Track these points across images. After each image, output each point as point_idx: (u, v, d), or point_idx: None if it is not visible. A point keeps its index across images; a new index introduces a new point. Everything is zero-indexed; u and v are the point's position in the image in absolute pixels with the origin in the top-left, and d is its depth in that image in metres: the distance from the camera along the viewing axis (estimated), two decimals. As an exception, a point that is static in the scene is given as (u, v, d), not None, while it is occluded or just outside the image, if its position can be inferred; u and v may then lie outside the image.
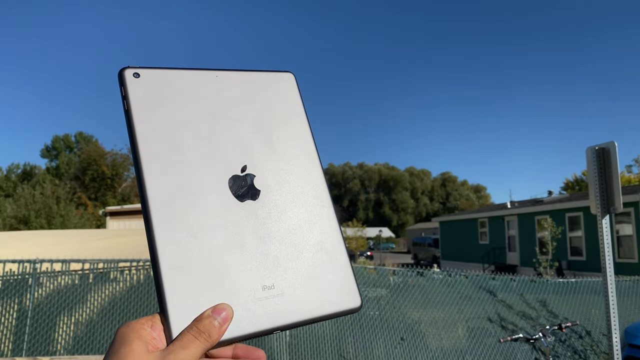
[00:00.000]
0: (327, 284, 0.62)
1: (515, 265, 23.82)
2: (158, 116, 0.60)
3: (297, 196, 0.66)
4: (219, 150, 0.63)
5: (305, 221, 0.65)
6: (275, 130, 0.69)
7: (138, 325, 0.52)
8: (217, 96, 0.66)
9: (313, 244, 0.64)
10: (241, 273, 0.58)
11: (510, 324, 7.70)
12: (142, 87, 0.61)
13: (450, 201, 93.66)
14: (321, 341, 6.89)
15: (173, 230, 0.56)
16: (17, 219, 25.06)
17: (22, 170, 60.98)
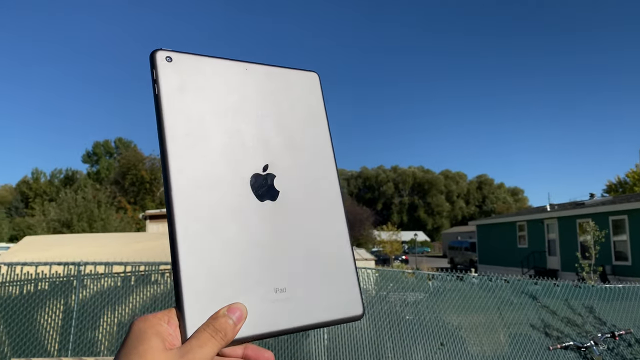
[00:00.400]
0: (335, 291, 0.63)
1: (556, 270, 23.19)
2: (187, 104, 0.60)
3: (314, 201, 0.66)
4: (244, 145, 0.63)
5: (320, 227, 0.65)
6: (298, 132, 0.68)
7: (155, 320, 0.52)
8: (246, 89, 0.66)
9: (326, 251, 0.64)
10: (256, 273, 0.58)
11: (555, 330, 7.47)
12: (173, 72, 0.60)
13: (486, 204, 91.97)
14: (359, 345, 6.83)
15: (194, 223, 0.56)
16: (60, 222, 25.84)
17: (64, 175, 63.00)
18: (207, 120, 0.61)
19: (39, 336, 6.51)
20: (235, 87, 0.65)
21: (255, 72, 0.68)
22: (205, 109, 0.61)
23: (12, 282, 6.67)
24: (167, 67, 0.60)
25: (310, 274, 0.62)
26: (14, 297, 6.65)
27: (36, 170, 63.78)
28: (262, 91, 0.67)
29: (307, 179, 0.67)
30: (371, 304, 7.28)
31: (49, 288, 6.86)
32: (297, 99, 0.71)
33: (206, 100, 0.61)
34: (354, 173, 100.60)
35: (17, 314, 6.48)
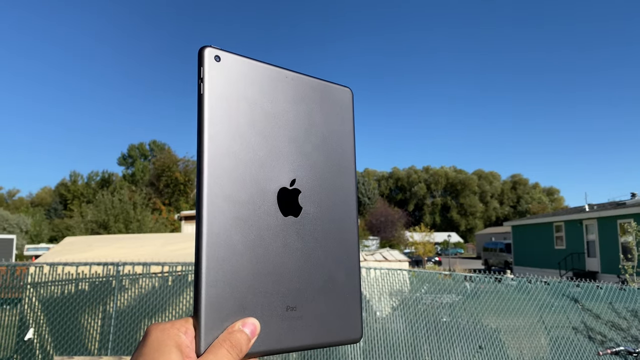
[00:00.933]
0: (340, 314, 0.64)
1: (595, 272, 22.54)
2: (229, 108, 0.60)
3: (332, 222, 0.67)
4: (277, 157, 0.63)
5: (334, 249, 0.66)
6: (327, 148, 0.69)
7: (174, 331, 0.53)
8: (285, 98, 0.66)
9: (337, 273, 0.66)
10: (270, 289, 0.59)
11: (598, 334, 7.24)
12: (220, 72, 0.60)
13: (521, 205, 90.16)
14: (396, 347, 6.75)
15: (221, 234, 0.56)
16: (97, 223, 26.48)
17: (100, 177, 64.59)
18: (246, 125, 0.61)
19: (80, 335, 6.65)
20: (276, 95, 0.65)
21: (295, 81, 0.68)
22: (245, 114, 0.61)
23: (54, 282, 6.83)
24: (215, 66, 0.59)
25: (319, 295, 0.63)
26: (56, 296, 6.81)
27: (74, 172, 65.63)
28: (299, 102, 0.67)
29: (329, 199, 0.67)
30: (407, 306, 7.19)
31: (89, 288, 7.01)
32: (331, 114, 0.71)
33: (248, 106, 0.61)
34: (385, 174, 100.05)
35: (58, 313, 6.64)
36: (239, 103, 0.60)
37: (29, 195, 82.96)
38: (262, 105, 0.63)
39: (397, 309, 7.18)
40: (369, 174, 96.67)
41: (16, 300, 6.84)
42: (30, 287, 6.81)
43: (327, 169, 0.68)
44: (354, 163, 0.72)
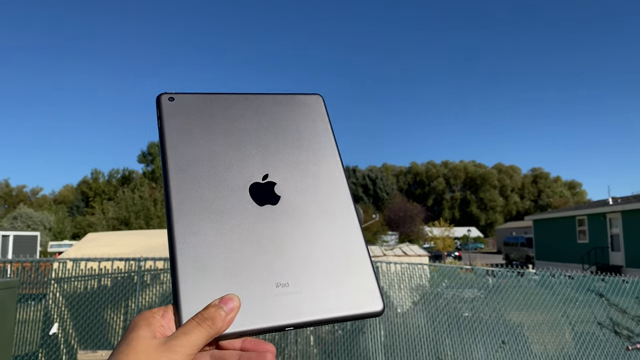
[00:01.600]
0: (347, 286, 0.61)
1: (620, 266, 22.15)
2: (187, 134, 0.65)
3: (319, 202, 0.67)
4: (243, 160, 0.66)
5: (325, 225, 0.65)
6: (299, 145, 0.71)
7: (149, 314, 0.55)
8: (247, 114, 0.70)
9: (335, 248, 0.64)
10: (255, 269, 0.59)
11: (625, 329, 7.09)
12: (175, 108, 0.67)
13: (542, 199, 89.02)
14: (417, 342, 6.71)
15: (191, 224, 0.59)
16: (118, 220, 26.88)
17: (121, 175, 65.45)
18: (208, 143, 0.65)
19: (103, 330, 6.74)
20: (237, 113, 0.70)
21: (257, 99, 0.73)
22: (206, 134, 0.66)
23: (78, 277, 6.92)
24: (170, 105, 0.67)
25: (317, 270, 0.61)
26: (80, 292, 6.90)
27: (95, 170, 66.60)
28: (263, 114, 0.71)
29: (311, 184, 0.68)
30: (428, 301, 7.13)
31: (111, 283, 7.09)
32: (300, 118, 0.74)
33: (206, 128, 0.66)
34: (403, 169, 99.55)
35: (82, 308, 6.73)
36: (197, 128, 0.66)
37: (52, 193, 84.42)
38: (222, 126, 0.67)
39: (418, 303, 7.13)
40: (387, 169, 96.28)
41: (40, 296, 6.95)
42: (54, 283, 6.91)
43: (304, 160, 0.69)
44: (336, 150, 0.73)
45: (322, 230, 0.65)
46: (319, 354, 6.63)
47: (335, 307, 0.59)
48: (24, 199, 74.24)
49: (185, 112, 0.67)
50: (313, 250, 0.62)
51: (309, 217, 0.65)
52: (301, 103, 0.76)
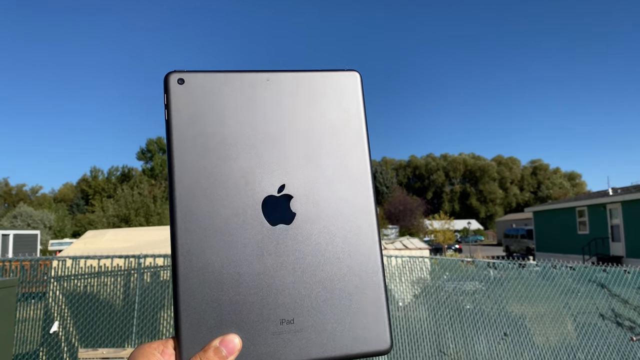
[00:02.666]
0: (355, 323, 0.57)
1: (620, 257, 22.16)
2: (198, 128, 0.57)
3: (340, 222, 0.59)
4: (259, 166, 0.58)
5: (343, 253, 0.59)
6: (327, 143, 0.61)
7: (149, 349, 0.53)
8: (265, 102, 0.60)
9: (347, 280, 0.58)
10: (258, 304, 0.55)
11: (627, 320, 7.08)
12: (185, 94, 0.57)
13: (542, 190, 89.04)
14: (419, 335, 6.69)
15: (196, 249, 0.55)
16: (118, 217, 26.88)
17: (120, 172, 65.42)
18: (219, 144, 0.57)
19: (104, 327, 6.72)
20: (254, 101, 0.60)
21: (279, 81, 0.61)
22: (217, 131, 0.58)
23: (77, 275, 6.90)
24: (179, 90, 0.58)
25: (325, 304, 0.57)
26: (80, 290, 6.88)
27: (94, 168, 66.54)
28: (286, 103, 0.61)
29: (332, 197, 0.60)
30: (429, 294, 7.11)
31: (110, 280, 7.07)
32: (330, 106, 0.63)
33: (220, 122, 0.58)
34: (402, 162, 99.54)
35: (82, 306, 6.71)
36: (209, 121, 0.57)
37: (52, 191, 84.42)
38: (238, 117, 0.59)
39: (420, 296, 7.11)
40: (386, 162, 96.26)
41: (41, 295, 6.93)
42: (54, 281, 6.89)
43: (329, 165, 0.61)
44: (367, 150, 0.63)
45: (339, 257, 0.58)
46: None
47: (340, 346, 0.56)
48: (24, 197, 74.22)
49: (197, 101, 0.58)
50: (323, 282, 0.57)
51: (326, 240, 0.58)
52: (333, 85, 0.64)
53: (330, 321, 0.56)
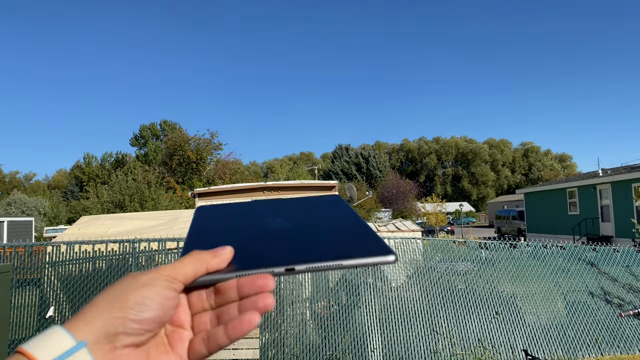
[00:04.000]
0: (353, 239, 0.58)
1: (610, 237, 22.42)
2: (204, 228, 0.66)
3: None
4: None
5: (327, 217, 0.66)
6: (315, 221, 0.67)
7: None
8: (261, 212, 0.69)
9: (335, 223, 0.64)
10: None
11: (616, 297, 7.22)
12: (200, 214, 0.71)
13: (533, 172, 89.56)
14: (412, 315, 6.79)
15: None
16: (113, 203, 26.76)
17: (114, 158, 64.99)
18: (222, 235, 0.64)
19: (100, 311, 6.75)
20: (251, 213, 0.69)
21: (271, 202, 0.73)
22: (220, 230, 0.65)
23: (72, 260, 6.91)
24: (197, 212, 0.72)
25: (324, 233, 0.60)
26: (75, 275, 6.90)
27: (88, 155, 66.08)
28: (278, 213, 0.69)
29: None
30: (421, 274, 7.20)
31: (106, 265, 7.09)
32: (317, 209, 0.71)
33: (222, 225, 0.66)
34: (395, 146, 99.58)
35: (77, 291, 6.73)
36: (211, 225, 0.66)
37: (45, 178, 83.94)
38: (237, 221, 0.67)
39: (412, 277, 7.20)
40: (379, 146, 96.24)
41: (36, 280, 6.94)
42: (48, 267, 6.90)
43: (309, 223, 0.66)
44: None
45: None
46: (315, 328, 6.70)
47: (346, 252, 0.54)
48: (18, 185, 73.76)
49: (207, 216, 0.70)
50: (318, 228, 0.62)
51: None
52: (318, 201, 0.74)
53: (332, 238, 0.59)
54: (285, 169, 59.70)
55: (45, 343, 0.43)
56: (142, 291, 0.48)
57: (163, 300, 0.48)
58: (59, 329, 0.45)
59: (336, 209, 0.68)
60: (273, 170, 74.38)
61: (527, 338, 6.82)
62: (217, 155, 42.61)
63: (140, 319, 0.47)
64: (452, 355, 6.56)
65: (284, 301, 6.70)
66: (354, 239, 0.58)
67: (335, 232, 0.60)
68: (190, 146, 41.02)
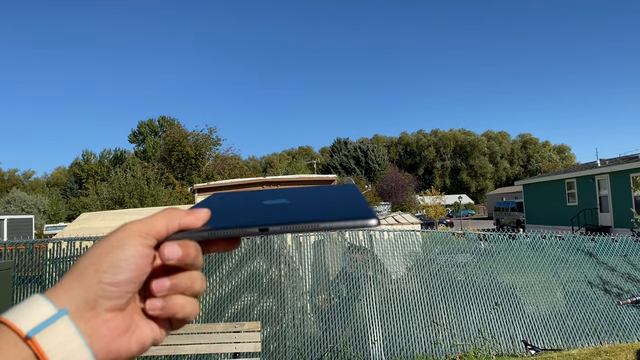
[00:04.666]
0: (339, 203, 0.57)
1: (608, 227, 22.49)
2: (211, 203, 0.63)
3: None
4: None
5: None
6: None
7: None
8: (263, 195, 0.66)
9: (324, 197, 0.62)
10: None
11: (614, 287, 7.26)
12: (214, 196, 0.68)
13: (531, 164, 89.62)
14: (412, 307, 6.83)
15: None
16: (112, 200, 26.75)
17: (113, 155, 64.97)
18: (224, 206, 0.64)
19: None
20: (254, 194, 0.67)
21: (279, 189, 0.70)
22: (221, 203, 0.64)
23: (73, 257, 6.93)
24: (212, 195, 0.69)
25: (312, 202, 0.58)
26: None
27: (86, 152, 66.01)
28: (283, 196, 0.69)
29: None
30: (421, 266, 7.24)
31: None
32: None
33: (224, 201, 0.64)
34: (394, 139, 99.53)
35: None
36: (218, 202, 0.63)
37: (44, 176, 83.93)
38: (241, 200, 0.65)
39: (412, 269, 7.23)
40: (378, 140, 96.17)
41: (37, 277, 6.96)
42: (50, 264, 6.92)
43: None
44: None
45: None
46: (316, 321, 6.74)
47: (329, 214, 0.53)
48: (17, 183, 73.72)
49: (218, 197, 0.67)
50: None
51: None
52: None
53: (315, 201, 0.58)
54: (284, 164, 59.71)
55: (26, 311, 0.42)
56: (115, 253, 0.46)
57: (137, 260, 0.47)
58: (40, 298, 0.44)
59: (344, 191, 0.65)
60: (272, 165, 74.39)
61: (527, 328, 6.87)
62: (215, 150, 42.60)
63: (116, 281, 0.45)
64: (452, 346, 6.61)
65: (284, 294, 6.74)
66: (338, 206, 0.56)
67: (325, 203, 0.58)
68: (188, 142, 40.98)
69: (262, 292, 6.70)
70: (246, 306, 6.64)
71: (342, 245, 7.49)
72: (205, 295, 6.64)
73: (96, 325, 0.45)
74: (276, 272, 6.89)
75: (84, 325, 0.44)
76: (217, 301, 6.65)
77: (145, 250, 0.47)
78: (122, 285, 0.46)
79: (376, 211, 20.86)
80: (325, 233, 7.36)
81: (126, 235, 0.47)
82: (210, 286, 6.74)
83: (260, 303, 6.68)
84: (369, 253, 7.31)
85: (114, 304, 0.46)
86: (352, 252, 7.42)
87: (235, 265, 6.90)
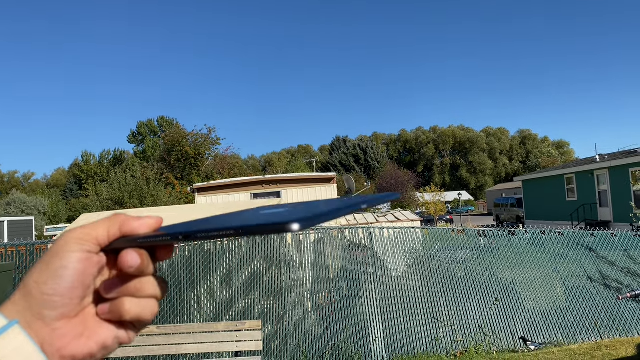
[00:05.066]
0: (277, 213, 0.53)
1: (608, 222, 22.50)
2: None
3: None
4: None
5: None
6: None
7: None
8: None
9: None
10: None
11: (614, 281, 7.28)
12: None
13: (530, 159, 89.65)
14: (412, 304, 6.85)
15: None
16: (112, 201, 26.78)
17: (112, 156, 64.99)
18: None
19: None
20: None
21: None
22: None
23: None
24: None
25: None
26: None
27: (86, 153, 66.04)
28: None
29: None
30: (422, 263, 7.25)
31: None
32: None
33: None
34: (393, 137, 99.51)
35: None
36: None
37: (44, 177, 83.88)
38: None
39: (412, 266, 7.25)
40: (377, 137, 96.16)
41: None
42: (51, 265, 6.93)
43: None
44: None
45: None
46: (317, 319, 6.76)
47: (249, 220, 0.48)
48: (17, 184, 73.69)
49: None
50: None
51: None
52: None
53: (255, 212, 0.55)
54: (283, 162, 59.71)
55: None
56: (54, 262, 0.46)
57: (76, 265, 0.46)
58: None
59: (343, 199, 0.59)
60: (271, 164, 74.37)
61: (527, 323, 6.89)
62: (215, 150, 42.63)
63: (58, 291, 0.45)
64: (453, 342, 6.63)
65: (285, 293, 6.76)
66: (270, 215, 0.51)
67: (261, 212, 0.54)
68: (188, 142, 40.99)
69: (262, 291, 6.72)
70: (247, 305, 6.66)
71: (342, 243, 7.51)
72: (206, 295, 6.66)
73: (45, 334, 0.45)
74: (276, 270, 6.91)
75: (34, 335, 0.44)
76: (218, 301, 6.67)
77: (84, 255, 0.47)
78: (65, 293, 0.46)
79: (376, 209, 20.52)
80: (325, 232, 7.38)
81: (64, 244, 0.47)
82: (210, 286, 6.76)
83: (261, 302, 6.69)
84: (369, 250, 7.33)
85: (61, 312, 0.46)
86: (353, 249, 7.43)
87: (236, 265, 6.91)
